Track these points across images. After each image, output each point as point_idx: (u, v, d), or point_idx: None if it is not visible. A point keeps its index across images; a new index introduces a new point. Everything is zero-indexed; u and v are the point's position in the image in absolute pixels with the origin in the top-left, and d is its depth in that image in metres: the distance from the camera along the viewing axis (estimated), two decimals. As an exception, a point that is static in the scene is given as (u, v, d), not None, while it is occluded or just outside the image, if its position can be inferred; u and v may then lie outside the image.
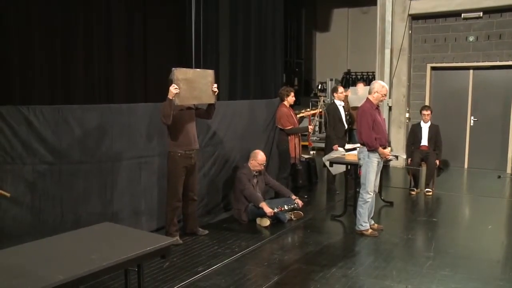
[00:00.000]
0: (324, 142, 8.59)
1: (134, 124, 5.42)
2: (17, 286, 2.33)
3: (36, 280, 2.40)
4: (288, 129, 7.13)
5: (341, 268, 4.67)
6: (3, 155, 4.46)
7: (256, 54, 7.83)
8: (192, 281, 4.34)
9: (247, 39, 7.66)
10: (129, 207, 5.42)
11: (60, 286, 2.45)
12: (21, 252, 2.91)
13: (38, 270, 2.55)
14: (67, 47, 5.40)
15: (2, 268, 2.61)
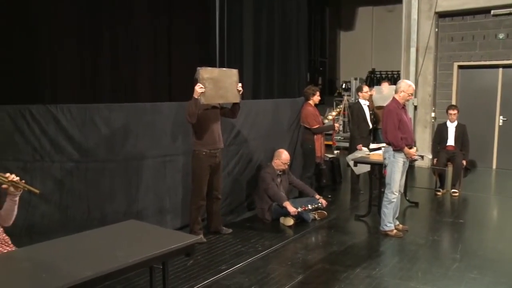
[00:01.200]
0: (348, 141, 8.52)
1: (159, 123, 5.47)
2: (47, 281, 2.37)
3: (65, 275, 2.44)
4: (315, 128, 7.09)
5: (365, 269, 4.63)
6: (32, 153, 4.55)
7: (280, 53, 7.82)
8: (216, 279, 4.36)
9: (271, 38, 7.66)
10: (153, 205, 5.47)
11: (88, 282, 2.48)
12: (49, 248, 2.96)
13: (66, 265, 2.59)
14: (93, 47, 5.48)
15: (32, 263, 2.67)
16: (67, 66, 5.16)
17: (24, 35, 4.68)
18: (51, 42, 4.98)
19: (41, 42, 4.86)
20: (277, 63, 7.79)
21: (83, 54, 5.32)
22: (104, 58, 5.59)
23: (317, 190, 6.98)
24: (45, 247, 2.98)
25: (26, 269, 2.64)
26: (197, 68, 5.01)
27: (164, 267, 3.09)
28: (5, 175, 3.04)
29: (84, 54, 5.33)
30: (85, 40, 5.38)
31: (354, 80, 13.82)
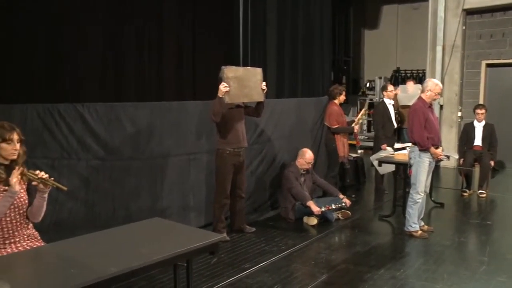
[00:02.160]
0: (372, 141, 8.45)
1: (183, 122, 5.50)
2: (74, 276, 2.41)
3: (91, 271, 2.48)
4: (334, 128, 7.06)
5: (389, 270, 4.58)
6: (60, 150, 4.63)
7: (303, 52, 7.79)
8: (239, 277, 4.37)
9: (295, 37, 7.63)
10: (178, 203, 5.51)
11: (113, 278, 2.51)
12: (76, 244, 3.01)
13: (92, 262, 2.63)
14: (120, 47, 5.56)
15: (60, 258, 2.72)
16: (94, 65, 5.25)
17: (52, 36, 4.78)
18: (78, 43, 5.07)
19: (68, 43, 4.96)
20: (301, 62, 7.77)
21: (109, 54, 5.40)
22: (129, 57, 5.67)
23: (341, 189, 6.94)
24: (72, 243, 3.03)
25: (55, 264, 2.69)
26: (222, 67, 5.03)
27: (188, 265, 3.11)
28: (35, 172, 3.10)
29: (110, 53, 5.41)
30: (111, 40, 5.46)
31: (378, 79, 13.68)
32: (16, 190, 3.06)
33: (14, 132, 3.08)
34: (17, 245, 3.11)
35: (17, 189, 3.07)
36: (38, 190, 3.14)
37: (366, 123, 13.80)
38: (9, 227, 3.09)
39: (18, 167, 3.10)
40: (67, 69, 4.98)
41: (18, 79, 4.54)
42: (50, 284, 2.35)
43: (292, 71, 7.66)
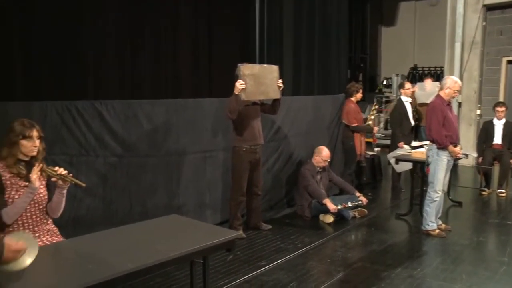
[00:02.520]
0: (389, 139, 8.39)
1: (199, 119, 5.52)
2: (91, 271, 2.43)
3: (108, 267, 2.50)
4: (354, 126, 7.02)
5: (406, 268, 4.54)
6: (78, 147, 4.68)
7: (320, 50, 7.76)
8: (255, 275, 4.37)
9: (311, 34, 7.60)
10: (194, 200, 5.53)
11: (130, 274, 2.53)
12: (94, 240, 3.04)
13: (109, 257, 2.65)
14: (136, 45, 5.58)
15: (78, 253, 2.75)
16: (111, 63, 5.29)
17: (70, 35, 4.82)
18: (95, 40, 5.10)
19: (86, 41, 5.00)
20: (317, 59, 7.74)
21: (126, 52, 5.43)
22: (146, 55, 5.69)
23: (357, 187, 6.90)
24: (90, 239, 3.06)
25: (73, 259, 2.72)
26: (238, 64, 5.03)
27: (204, 261, 3.12)
28: (54, 168, 3.14)
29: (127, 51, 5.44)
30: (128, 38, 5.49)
31: (395, 77, 13.56)
32: (36, 186, 3.10)
33: (34, 129, 3.12)
34: (37, 240, 3.15)
35: (37, 185, 3.11)
36: (57, 186, 3.19)
37: (383, 121, 13.69)
38: (30, 222, 3.14)
39: (37, 164, 3.15)
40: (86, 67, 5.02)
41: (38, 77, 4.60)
42: (68, 278, 2.38)
43: (308, 68, 7.63)
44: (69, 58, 4.84)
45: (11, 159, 3.09)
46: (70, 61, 4.85)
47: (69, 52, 4.82)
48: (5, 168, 3.09)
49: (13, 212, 3.05)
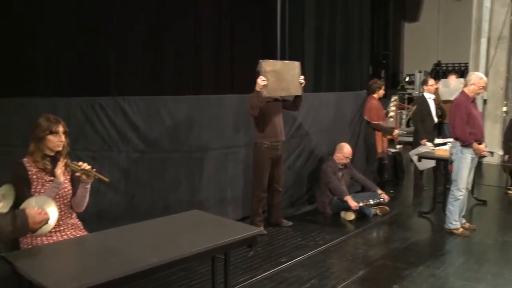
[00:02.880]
0: (411, 136, 8.29)
1: (221, 115, 5.54)
2: (115, 265, 2.46)
3: (132, 261, 2.53)
4: (375, 124, 6.95)
5: (428, 267, 4.49)
6: (101, 143, 4.74)
7: (341, 46, 7.71)
8: (276, 271, 4.38)
9: (333, 31, 7.56)
10: (215, 196, 5.56)
11: (153, 269, 2.56)
12: (117, 234, 3.08)
13: (133, 252, 2.68)
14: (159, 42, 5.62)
15: (102, 247, 2.79)
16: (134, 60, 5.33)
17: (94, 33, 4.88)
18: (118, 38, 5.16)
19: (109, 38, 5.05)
20: (339, 55, 7.69)
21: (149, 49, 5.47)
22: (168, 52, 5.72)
23: (379, 185, 6.84)
24: (113, 233, 3.10)
25: (97, 253, 2.76)
26: (260, 60, 5.02)
27: (226, 257, 3.14)
28: (78, 163, 3.18)
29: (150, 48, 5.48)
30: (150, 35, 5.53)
31: (418, 73, 13.38)
32: (61, 181, 3.15)
33: (59, 125, 3.17)
34: (62, 233, 3.21)
35: (62, 180, 3.16)
36: (81, 181, 3.23)
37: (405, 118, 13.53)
38: (54, 216, 3.19)
39: (62, 159, 3.20)
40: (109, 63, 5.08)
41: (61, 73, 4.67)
42: (93, 272, 2.41)
43: (330, 65, 7.59)
44: (92, 55, 4.90)
45: (38, 154, 3.14)
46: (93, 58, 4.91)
47: (93, 49, 4.88)
48: (32, 163, 3.15)
49: (38, 206, 3.10)
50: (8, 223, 1.96)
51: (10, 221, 1.97)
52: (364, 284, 4.14)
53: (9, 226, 1.96)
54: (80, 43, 4.76)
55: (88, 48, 4.84)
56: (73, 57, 4.70)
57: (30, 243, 3.13)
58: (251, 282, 4.14)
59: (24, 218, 2.06)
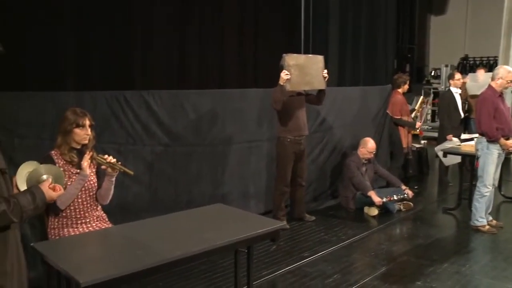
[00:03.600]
0: (436, 131, 8.18)
1: (245, 109, 5.55)
2: (139, 257, 2.50)
3: (156, 253, 2.56)
4: (397, 119, 6.87)
5: (453, 264, 4.43)
6: (126, 136, 4.79)
7: (366, 39, 7.61)
8: (298, 266, 4.38)
9: (357, 23, 7.47)
10: (238, 189, 5.58)
11: (177, 261, 2.58)
12: (141, 227, 3.11)
13: (157, 244, 2.71)
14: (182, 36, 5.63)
15: (126, 239, 2.82)
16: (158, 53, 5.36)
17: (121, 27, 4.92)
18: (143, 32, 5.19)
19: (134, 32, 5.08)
20: (363, 49, 7.60)
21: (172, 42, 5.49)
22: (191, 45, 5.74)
23: (402, 180, 6.77)
24: (138, 226, 3.14)
25: (122, 244, 2.80)
26: (283, 54, 5.00)
27: (249, 251, 3.15)
28: (104, 156, 3.23)
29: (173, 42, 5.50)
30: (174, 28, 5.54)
31: (444, 67, 13.15)
32: (87, 174, 3.20)
33: (86, 118, 3.22)
34: (88, 225, 3.27)
35: (88, 173, 3.21)
36: (106, 174, 3.28)
37: (430, 113, 13.34)
38: (81, 208, 3.25)
39: (88, 152, 3.24)
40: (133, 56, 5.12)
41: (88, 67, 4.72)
42: (118, 263, 2.44)
43: (354, 58, 7.50)
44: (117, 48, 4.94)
45: (65, 147, 3.20)
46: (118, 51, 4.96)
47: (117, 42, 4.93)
48: (59, 155, 3.20)
49: (65, 197, 3.16)
50: (30, 202, 2.02)
51: (31, 200, 2.03)
52: (387, 280, 4.11)
53: (31, 205, 2.02)
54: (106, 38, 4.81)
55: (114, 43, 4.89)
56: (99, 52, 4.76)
57: (58, 234, 3.20)
58: (273, 276, 4.15)
59: (42, 195, 2.12)
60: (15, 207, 1.95)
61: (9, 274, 1.97)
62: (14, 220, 1.96)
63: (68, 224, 3.23)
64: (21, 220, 2.00)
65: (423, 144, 8.93)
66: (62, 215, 3.22)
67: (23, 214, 1.99)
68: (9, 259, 1.97)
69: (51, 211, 3.25)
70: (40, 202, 2.10)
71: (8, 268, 1.96)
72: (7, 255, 1.96)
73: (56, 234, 3.20)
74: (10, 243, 1.98)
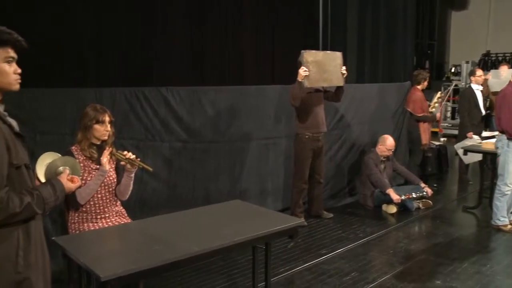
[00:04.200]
0: (456, 128, 8.07)
1: (262, 106, 5.54)
2: (158, 252, 2.51)
3: (175, 249, 2.57)
4: (420, 116, 6.78)
5: (474, 264, 4.37)
6: (145, 132, 4.82)
7: (385, 36, 7.55)
8: (316, 263, 4.37)
9: (376, 19, 7.40)
10: (256, 186, 5.58)
11: (195, 257, 2.59)
12: (160, 222, 3.13)
13: (175, 240, 2.72)
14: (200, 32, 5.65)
15: (145, 235, 2.84)
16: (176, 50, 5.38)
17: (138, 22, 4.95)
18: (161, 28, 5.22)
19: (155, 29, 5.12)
20: (382, 46, 7.54)
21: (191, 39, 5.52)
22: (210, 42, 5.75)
23: (421, 178, 6.69)
24: (156, 221, 3.16)
25: (141, 240, 2.82)
26: (301, 51, 4.98)
27: (267, 247, 3.15)
28: (123, 152, 3.25)
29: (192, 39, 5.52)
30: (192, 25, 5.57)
31: (465, 64, 12.95)
32: (106, 169, 3.23)
33: (105, 114, 3.25)
34: (107, 220, 3.30)
35: (107, 168, 3.24)
36: (125, 170, 3.30)
37: (451, 110, 13.17)
38: (100, 203, 3.28)
39: (108, 147, 3.27)
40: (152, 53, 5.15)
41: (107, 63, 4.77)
42: (137, 258, 2.46)
43: (373, 55, 7.45)
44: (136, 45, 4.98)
45: (85, 143, 3.23)
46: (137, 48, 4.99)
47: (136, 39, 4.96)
48: (79, 151, 3.24)
49: (85, 193, 3.20)
50: (51, 194, 2.06)
51: (52, 192, 2.07)
52: (406, 279, 4.07)
53: (52, 197, 2.06)
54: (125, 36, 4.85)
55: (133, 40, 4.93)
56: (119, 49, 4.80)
57: (78, 229, 3.24)
58: (291, 273, 4.15)
59: (62, 187, 2.17)
60: (38, 199, 1.99)
61: (33, 266, 2.00)
62: (38, 211, 2.00)
63: (88, 219, 3.27)
64: (44, 211, 2.04)
65: (443, 141, 8.83)
66: (82, 210, 3.26)
67: (46, 206, 2.03)
68: (33, 251, 2.01)
69: (71, 206, 3.29)
70: (60, 194, 2.14)
71: (32, 260, 2.00)
72: (31, 247, 2.00)
73: (76, 228, 3.25)
74: (33, 235, 2.02)
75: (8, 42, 1.96)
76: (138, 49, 5.01)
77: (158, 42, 5.22)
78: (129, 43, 4.91)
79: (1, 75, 1.96)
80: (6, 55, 1.96)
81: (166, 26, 5.25)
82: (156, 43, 5.19)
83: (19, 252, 1.95)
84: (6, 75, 1.97)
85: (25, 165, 2.04)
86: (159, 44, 5.23)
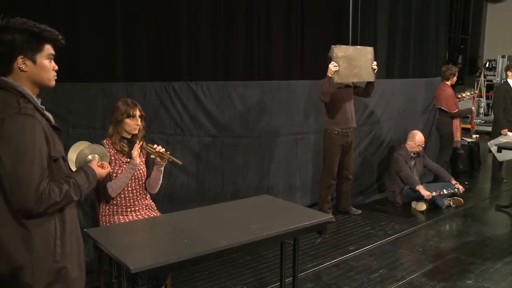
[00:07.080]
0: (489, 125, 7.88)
1: (292, 101, 5.53)
2: (188, 246, 2.53)
3: (203, 243, 2.58)
4: (455, 112, 6.63)
5: (508, 264, 4.26)
6: (174, 126, 4.87)
7: (417, 30, 7.41)
8: (344, 259, 4.34)
9: (408, 13, 7.27)
10: (284, 181, 5.58)
11: (224, 251, 2.60)
12: (189, 216, 3.15)
13: (203, 234, 2.73)
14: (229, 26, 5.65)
15: (174, 228, 2.87)
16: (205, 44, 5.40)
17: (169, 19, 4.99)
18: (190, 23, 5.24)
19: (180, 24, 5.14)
20: (414, 40, 7.40)
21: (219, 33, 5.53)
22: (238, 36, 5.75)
23: (452, 175, 6.56)
24: (185, 215, 3.18)
25: (170, 233, 2.84)
26: (331, 46, 4.94)
27: (295, 243, 3.14)
28: (153, 146, 3.29)
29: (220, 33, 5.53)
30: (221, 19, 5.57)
31: (501, 58, 12.60)
32: (137, 163, 3.28)
33: (136, 108, 3.29)
34: (137, 213, 3.35)
35: (138, 162, 3.29)
36: (155, 163, 3.34)
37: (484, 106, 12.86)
38: (130, 196, 3.33)
39: (138, 141, 3.32)
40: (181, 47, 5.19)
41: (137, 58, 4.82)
42: (166, 251, 2.49)
43: (403, 49, 7.32)
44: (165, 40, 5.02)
45: (116, 137, 3.29)
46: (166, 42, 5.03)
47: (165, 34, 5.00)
48: (110, 144, 3.30)
49: (116, 186, 3.25)
50: (85, 180, 2.12)
51: (86, 179, 2.12)
52: (435, 277, 4.01)
53: (86, 183, 2.12)
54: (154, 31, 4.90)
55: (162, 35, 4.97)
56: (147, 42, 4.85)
57: (108, 221, 3.30)
58: (318, 269, 4.14)
59: (94, 173, 2.23)
60: (75, 186, 2.05)
61: (69, 254, 2.05)
62: (74, 198, 2.05)
63: (119, 212, 3.32)
64: (80, 198, 2.09)
65: (475, 138, 8.64)
66: (113, 203, 3.32)
67: (82, 192, 2.08)
68: (68, 241, 2.06)
69: (102, 199, 3.36)
70: (92, 180, 2.20)
71: (68, 248, 2.05)
72: (66, 236, 2.05)
73: (107, 221, 3.31)
74: (68, 224, 2.07)
75: (50, 40, 2.04)
76: (167, 44, 5.05)
77: (187, 37, 5.24)
78: (157, 37, 4.95)
79: (43, 71, 2.03)
80: (49, 52, 2.04)
81: (195, 20, 5.27)
82: (184, 37, 5.21)
83: (57, 242, 2.00)
84: (48, 71, 2.05)
85: (62, 158, 2.09)
86: (187, 39, 5.25)
